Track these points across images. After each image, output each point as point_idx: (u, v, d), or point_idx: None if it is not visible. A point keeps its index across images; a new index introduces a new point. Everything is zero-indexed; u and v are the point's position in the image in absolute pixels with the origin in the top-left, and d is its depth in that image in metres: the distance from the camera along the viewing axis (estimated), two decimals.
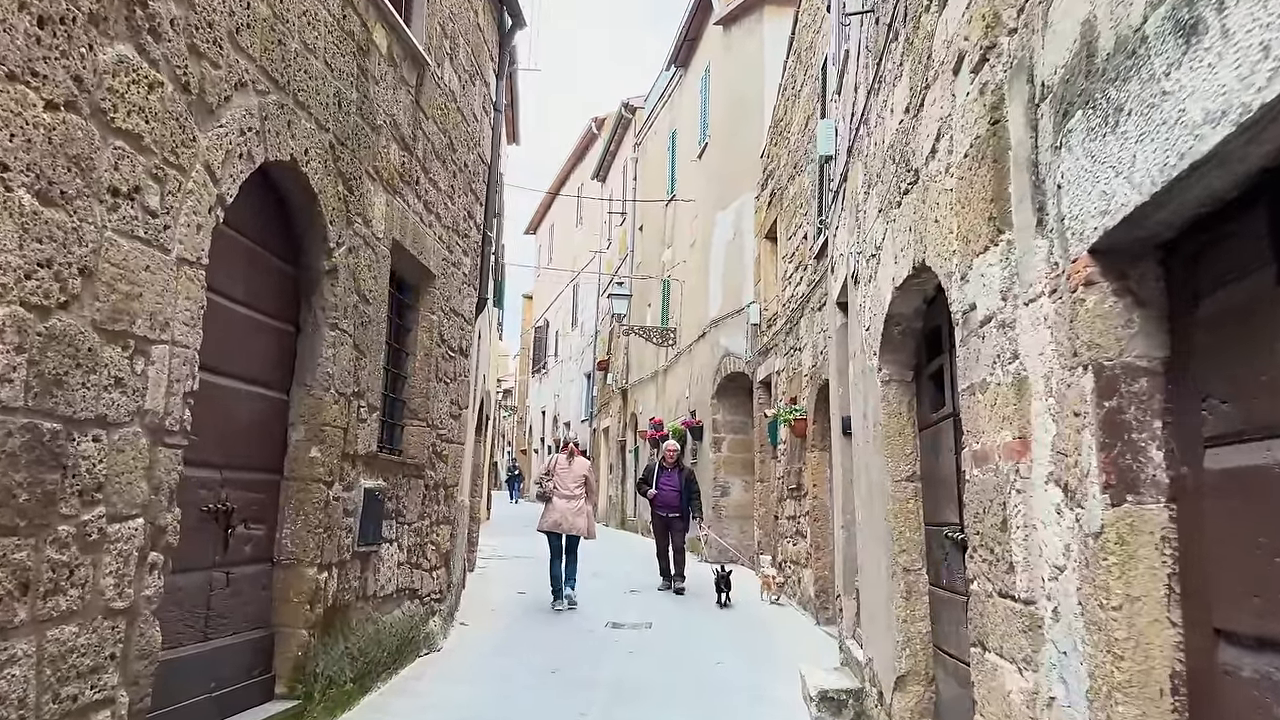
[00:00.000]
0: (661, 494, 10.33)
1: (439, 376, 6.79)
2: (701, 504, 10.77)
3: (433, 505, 6.89)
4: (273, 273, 4.56)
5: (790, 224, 10.10)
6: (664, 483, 10.33)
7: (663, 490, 10.33)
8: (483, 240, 7.94)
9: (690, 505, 10.27)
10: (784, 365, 10.16)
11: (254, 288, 4.36)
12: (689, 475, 10.51)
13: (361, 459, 5.32)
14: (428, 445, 6.56)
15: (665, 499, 10.28)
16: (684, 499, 10.23)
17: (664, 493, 10.32)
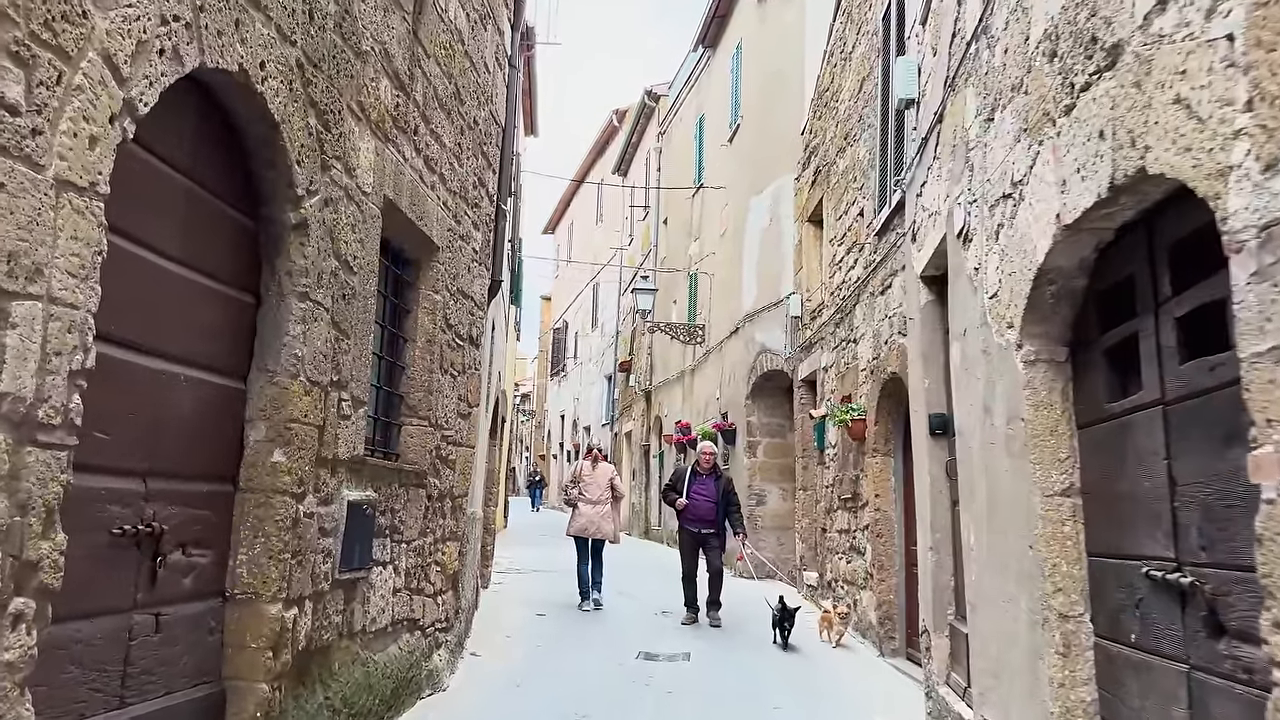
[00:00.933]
0: (694, 504, 8.68)
1: (444, 368, 5.77)
2: (742, 517, 9.05)
3: (437, 519, 5.86)
4: (223, 225, 3.55)
5: (840, 202, 9.03)
6: (697, 491, 8.67)
7: (695, 500, 8.68)
8: (496, 214, 6.92)
9: (729, 519, 8.68)
10: (833, 360, 9.08)
11: (197, 242, 3.35)
12: (728, 484, 8.88)
13: (344, 465, 4.30)
14: (430, 448, 5.53)
15: (698, 511, 8.67)
16: (721, 511, 8.65)
17: (697, 503, 8.67)
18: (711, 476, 8.78)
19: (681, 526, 8.86)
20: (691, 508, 8.70)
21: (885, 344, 7.05)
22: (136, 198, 2.96)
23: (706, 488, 8.72)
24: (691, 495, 8.72)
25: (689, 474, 8.82)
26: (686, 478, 8.79)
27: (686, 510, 8.71)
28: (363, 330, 4.44)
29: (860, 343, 7.95)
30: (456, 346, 6.04)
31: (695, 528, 8.70)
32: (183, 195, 3.26)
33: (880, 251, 7.35)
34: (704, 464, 8.87)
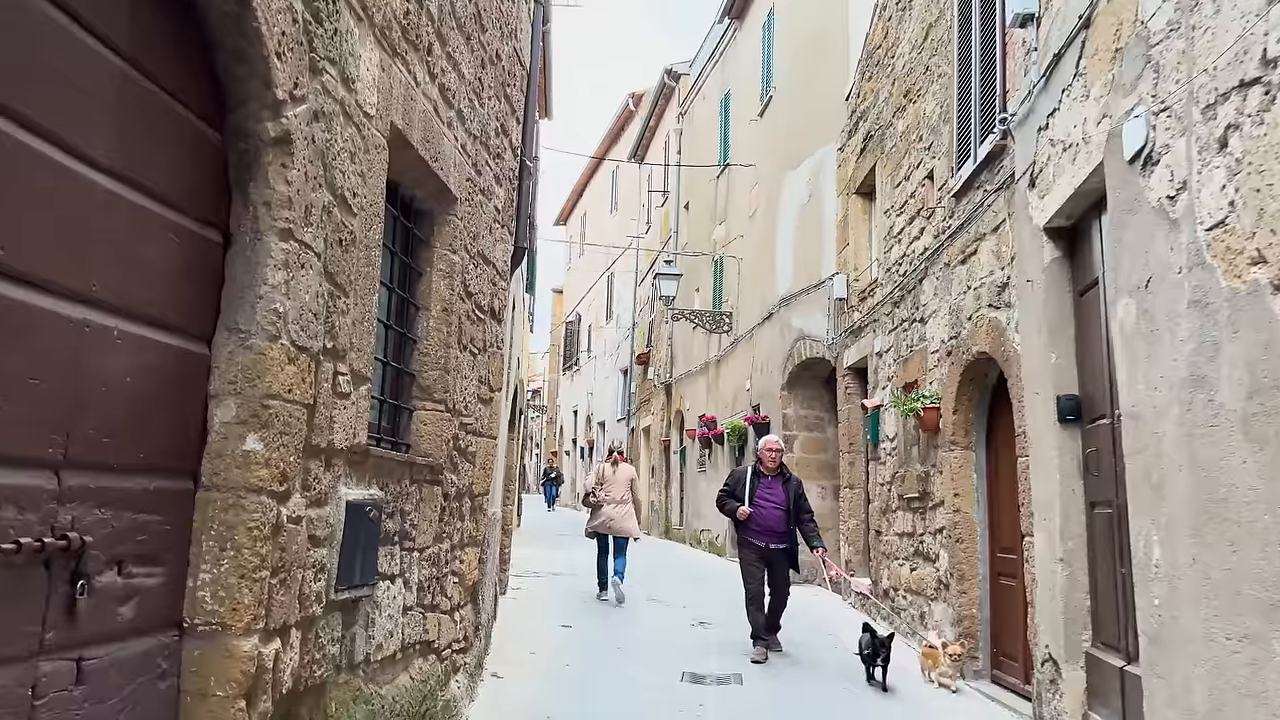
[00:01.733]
0: (761, 513, 7.03)
1: (462, 343, 4.87)
2: (818, 527, 7.29)
3: (455, 521, 4.97)
4: (178, 133, 2.66)
5: (899, 168, 8.10)
6: (764, 497, 7.06)
7: (763, 508, 7.04)
8: (520, 170, 6.02)
9: (803, 530, 7.06)
10: (890, 344, 8.16)
11: (138, 149, 2.47)
12: (798, 487, 7.21)
13: (341, 456, 3.41)
14: (447, 438, 4.64)
15: (765, 521, 7.01)
16: (791, 521, 7.06)
17: (765, 511, 7.03)
18: (778, 478, 7.16)
19: (744, 540, 7.19)
20: (757, 517, 7.05)
21: (969, 320, 6.12)
22: (43, 72, 2.08)
23: (773, 492, 7.09)
24: (758, 502, 7.08)
25: (750, 476, 7.21)
26: (747, 481, 7.17)
27: (751, 520, 7.07)
28: (365, 288, 3.54)
29: (930, 321, 7.02)
30: (477, 319, 5.15)
31: (762, 541, 7.04)
32: (117, 82, 2.37)
33: (959, 215, 6.42)
34: (769, 463, 7.19)
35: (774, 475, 7.18)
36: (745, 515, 7.07)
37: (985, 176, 5.93)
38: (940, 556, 6.74)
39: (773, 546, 7.07)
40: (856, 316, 9.43)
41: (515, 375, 8.72)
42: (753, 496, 7.10)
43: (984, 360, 6.04)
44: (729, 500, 7.28)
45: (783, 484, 7.16)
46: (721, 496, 7.42)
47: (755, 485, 7.15)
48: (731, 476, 7.53)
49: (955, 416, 6.40)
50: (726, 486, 7.41)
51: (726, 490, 7.38)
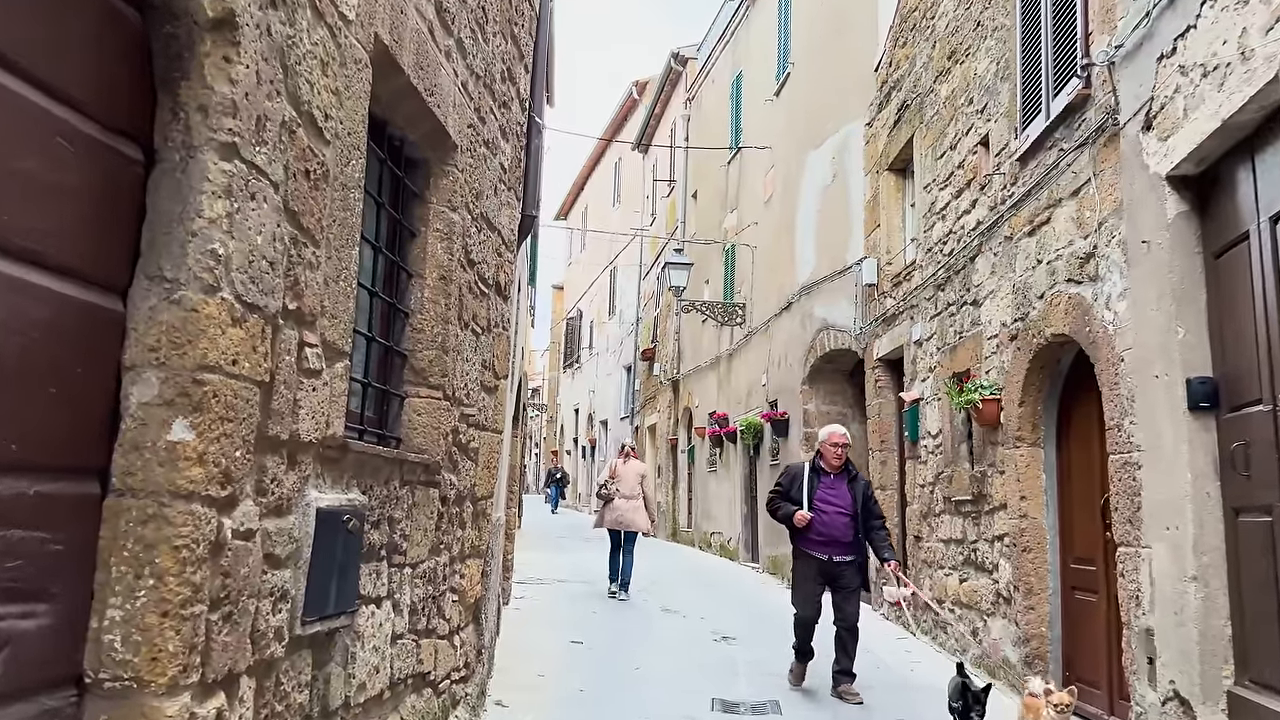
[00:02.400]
0: (823, 518, 5.84)
1: (464, 320, 4.13)
2: (889, 534, 6.16)
3: (453, 530, 4.23)
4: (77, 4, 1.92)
5: (943, 137, 7.36)
6: (826, 498, 5.87)
7: (825, 512, 5.84)
8: (529, 127, 5.27)
9: (872, 539, 5.87)
10: (933, 330, 7.41)
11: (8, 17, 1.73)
12: (867, 488, 6.07)
13: (311, 451, 2.66)
14: (445, 431, 3.89)
15: (828, 528, 5.82)
16: (859, 528, 5.88)
17: (828, 516, 5.84)
18: (843, 477, 5.96)
19: (800, 551, 6.00)
20: (817, 524, 5.84)
21: (1041, 299, 5.38)
22: None
23: (838, 494, 5.88)
24: (818, 505, 5.88)
25: (807, 474, 6.01)
26: (805, 479, 5.97)
27: (810, 527, 5.85)
28: (342, 238, 2.80)
29: (986, 303, 6.28)
30: (480, 293, 4.40)
31: (823, 553, 5.82)
32: None
33: (1025, 181, 5.68)
34: (833, 459, 5.97)
35: (838, 473, 5.97)
36: (804, 521, 5.83)
37: (1061, 134, 5.19)
38: (1000, 567, 6.00)
39: (837, 559, 5.80)
40: (889, 303, 8.69)
41: (519, 365, 7.98)
42: (812, 498, 5.86)
43: (1058, 344, 5.31)
44: (782, 503, 6.03)
45: (848, 484, 5.94)
46: (772, 498, 6.17)
47: (815, 485, 5.91)
48: (785, 474, 6.28)
49: (1021, 409, 5.66)
50: (779, 486, 6.18)
51: (779, 490, 6.15)
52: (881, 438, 9.01)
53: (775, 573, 11.77)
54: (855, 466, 6.23)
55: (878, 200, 9.16)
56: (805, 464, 6.17)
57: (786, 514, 5.99)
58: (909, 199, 8.72)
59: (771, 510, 6.19)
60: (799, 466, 6.26)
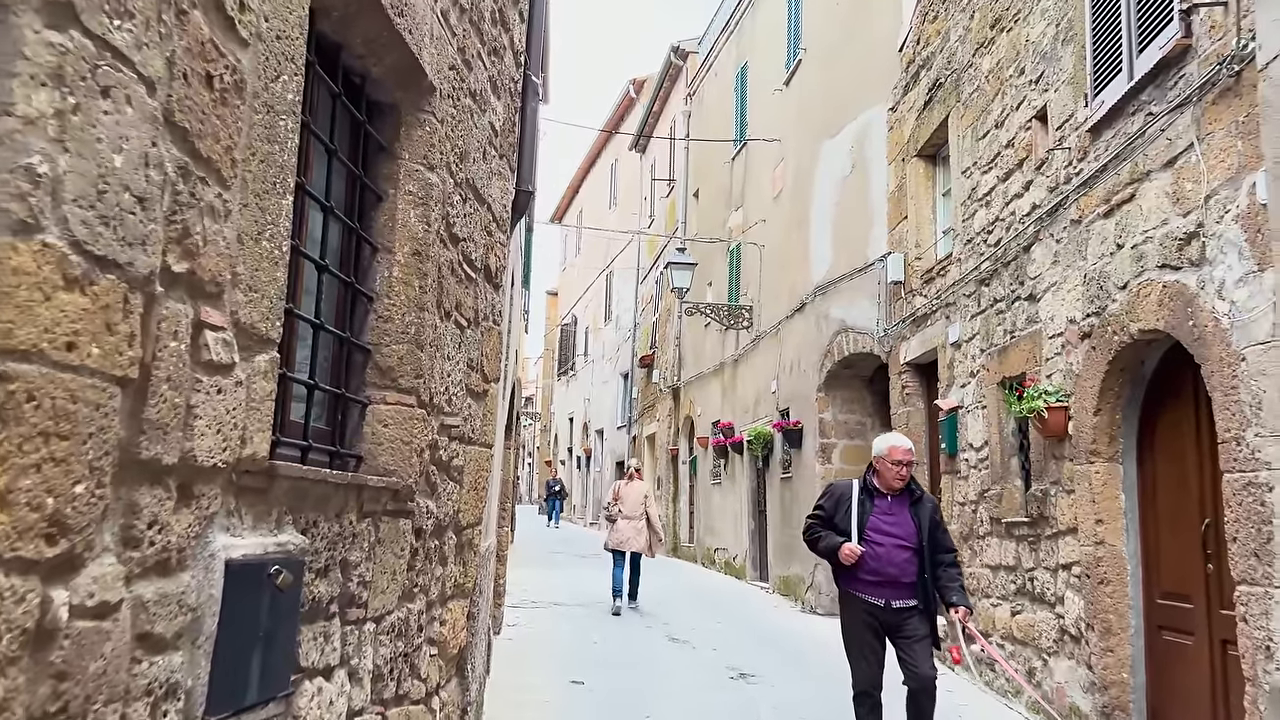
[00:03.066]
0: (877, 552, 4.47)
1: (445, 308, 3.33)
2: (962, 574, 4.99)
3: (433, 567, 3.43)
4: None
5: (987, 113, 6.60)
6: (881, 527, 4.51)
7: (880, 544, 4.48)
8: (524, 88, 4.50)
9: (938, 578, 4.51)
10: (976, 330, 6.64)
11: None
12: (934, 511, 4.66)
13: (220, 479, 1.87)
14: (420, 445, 3.09)
15: (887, 565, 4.46)
16: (925, 564, 4.50)
17: (884, 550, 4.47)
18: (903, 500, 4.58)
19: (848, 595, 4.63)
20: (871, 559, 4.46)
21: (1123, 289, 4.62)
22: None
23: (897, 521, 4.52)
24: (870, 536, 4.50)
25: (857, 495, 4.61)
26: (853, 501, 4.59)
27: (861, 564, 4.47)
28: (266, 180, 2.00)
29: (1048, 297, 5.51)
30: (465, 278, 3.61)
31: (878, 597, 4.46)
32: None
33: (1098, 155, 4.92)
34: (894, 478, 4.55)
35: (898, 496, 4.57)
36: (853, 557, 4.44)
37: (1150, 95, 4.43)
38: (1065, 599, 5.21)
39: (896, 605, 4.45)
40: (920, 302, 7.92)
41: (513, 370, 7.19)
42: (863, 527, 4.50)
43: (1143, 342, 4.54)
44: (824, 532, 4.64)
45: (911, 508, 4.55)
46: (811, 526, 4.77)
47: (867, 510, 4.55)
48: (827, 495, 4.85)
49: (1096, 418, 4.88)
50: (820, 511, 4.78)
51: (819, 516, 4.75)
52: None
53: (787, 594, 10.98)
54: (920, 485, 4.79)
55: (904, 190, 8.40)
56: (854, 482, 4.75)
57: (830, 546, 4.55)
58: (941, 187, 7.96)
59: (810, 541, 4.77)
60: (845, 485, 4.82)
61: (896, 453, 4.60)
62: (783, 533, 11.28)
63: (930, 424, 8.06)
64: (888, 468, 4.60)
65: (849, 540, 4.50)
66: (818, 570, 9.88)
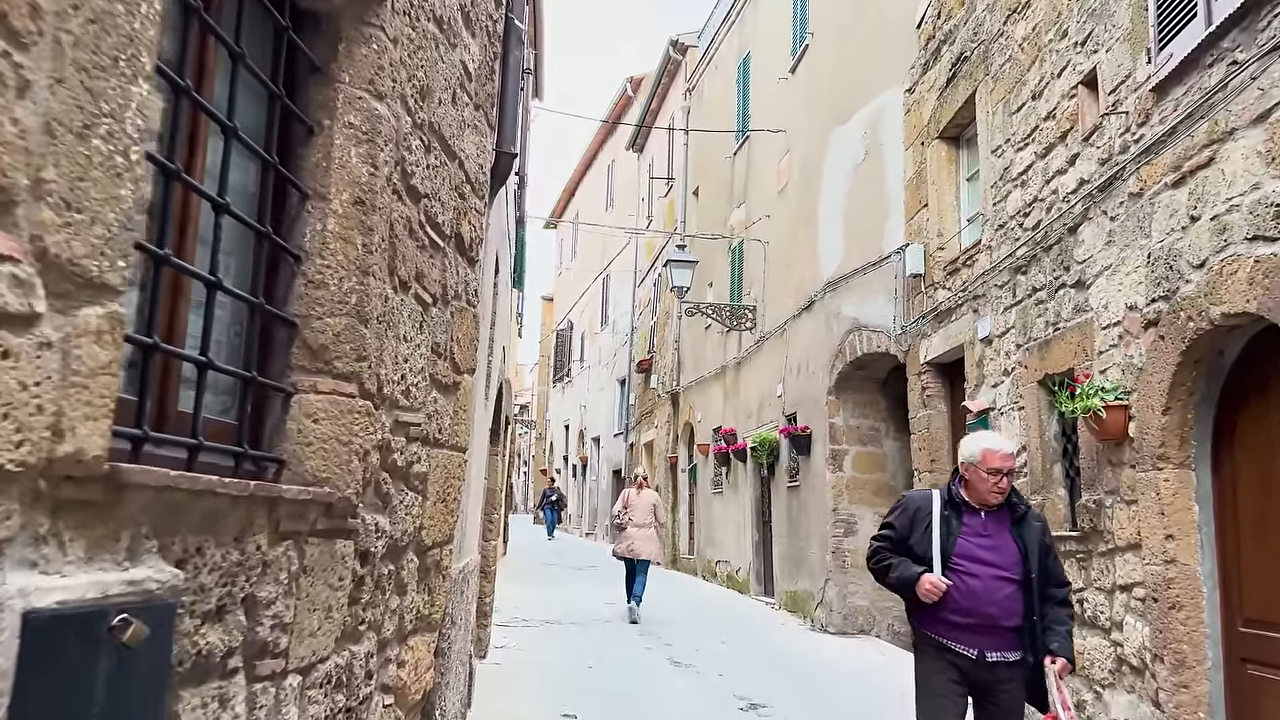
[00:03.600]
0: (969, 586, 3.38)
1: (401, 277, 2.69)
2: (1072, 614, 3.61)
3: (386, 597, 2.78)
4: None
5: (1022, 84, 6.00)
6: (975, 553, 3.43)
7: (975, 577, 3.40)
8: (506, 31, 3.87)
9: (1047, 620, 3.38)
10: (1013, 322, 6.01)
11: None
12: (1043, 532, 3.53)
13: (18, 490, 1.21)
14: (366, 447, 2.43)
15: (982, 604, 3.37)
16: (1033, 601, 3.38)
17: (979, 583, 3.39)
18: (1003, 518, 3.50)
19: (926, 641, 3.53)
20: (960, 594, 3.38)
21: (1202, 267, 3.99)
22: None
23: (996, 546, 3.44)
24: (958, 565, 3.42)
25: (939, 509, 3.53)
26: (935, 519, 3.51)
27: (947, 601, 3.39)
28: (97, 50, 1.35)
29: (1100, 283, 4.89)
30: (430, 244, 2.97)
31: (968, 646, 3.39)
32: None
33: (1169, 115, 4.29)
34: (991, 491, 3.45)
35: (993, 512, 3.47)
36: (936, 593, 3.34)
37: (1236, 40, 3.81)
38: (1125, 625, 4.57)
39: (992, 658, 3.37)
40: (942, 295, 7.30)
41: (498, 366, 6.56)
42: (949, 552, 3.41)
43: (1225, 329, 3.91)
44: (895, 558, 3.53)
45: (1013, 528, 3.46)
46: (878, 551, 3.64)
47: (954, 529, 3.44)
48: (900, 511, 3.67)
49: (1165, 418, 4.24)
50: (889, 531, 3.64)
51: (889, 538, 3.61)
52: (931, 456, 7.58)
53: (795, 610, 10.32)
54: (1023, 498, 3.67)
55: (923, 176, 7.78)
56: (934, 494, 3.59)
57: (905, 578, 3.43)
58: (965, 171, 7.35)
59: (878, 570, 3.62)
60: (923, 497, 3.64)
61: (993, 458, 3.40)
62: (790, 545, 10.63)
63: (954, 429, 7.42)
64: (981, 478, 3.42)
65: (930, 570, 3.38)
66: (828, 586, 9.25)
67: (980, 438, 3.63)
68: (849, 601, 9.13)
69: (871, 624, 9.12)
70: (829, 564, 9.28)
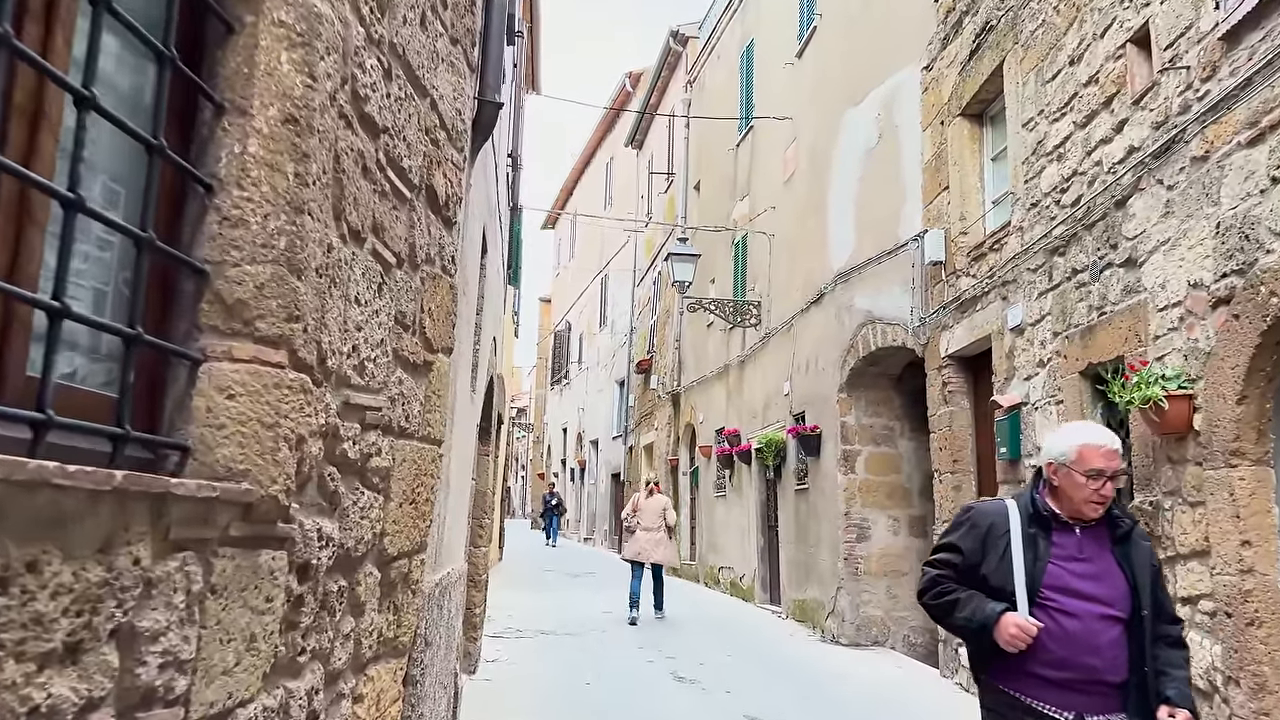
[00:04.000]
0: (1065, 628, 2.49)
1: (351, 223, 2.18)
2: (1189, 659, 2.72)
3: (336, 621, 2.27)
4: None
5: (1058, 50, 5.52)
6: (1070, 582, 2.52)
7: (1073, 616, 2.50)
8: None
9: (1157, 658, 2.51)
10: (1049, 309, 5.52)
11: None
12: (1149, 555, 2.62)
13: None
14: (299, 433, 1.92)
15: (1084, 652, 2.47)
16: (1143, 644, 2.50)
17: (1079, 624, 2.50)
18: (1102, 537, 2.59)
19: (1004, 698, 2.57)
20: (1055, 642, 2.48)
21: None
22: None
23: (1097, 573, 2.54)
24: (1049, 599, 2.50)
25: (1019, 527, 2.60)
26: (1015, 539, 2.58)
27: (1038, 647, 2.47)
28: None
29: (1156, 259, 4.39)
30: (394, 193, 2.45)
31: (1066, 708, 2.48)
32: None
33: (1240, 66, 3.81)
34: (1089, 500, 2.53)
35: (1089, 527, 2.60)
36: (1023, 640, 2.46)
37: None
38: (1192, 643, 4.05)
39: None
40: (966, 283, 6.80)
41: (488, 359, 6.06)
42: (1037, 583, 2.54)
43: None
44: (961, 591, 2.64)
45: (1115, 549, 2.59)
46: (936, 581, 2.71)
47: (1041, 552, 2.57)
48: (966, 527, 2.73)
49: (1240, 408, 3.75)
50: (949, 554, 2.73)
51: (949, 564, 2.71)
52: (954, 456, 7.08)
53: (804, 620, 9.81)
54: (1126, 510, 2.77)
55: (943, 157, 7.29)
56: (1008, 504, 2.69)
57: (980, 619, 2.54)
58: (990, 150, 6.87)
59: (938, 606, 2.69)
60: (996, 510, 2.71)
61: (1094, 456, 2.52)
62: (798, 551, 10.12)
63: (978, 426, 6.93)
64: (1076, 483, 2.52)
65: (1013, 607, 2.50)
66: (840, 594, 8.74)
67: (1075, 430, 2.72)
68: (862, 611, 8.62)
69: (886, 635, 8.61)
70: (841, 571, 8.77)
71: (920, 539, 8.73)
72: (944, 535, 2.81)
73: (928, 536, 8.49)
